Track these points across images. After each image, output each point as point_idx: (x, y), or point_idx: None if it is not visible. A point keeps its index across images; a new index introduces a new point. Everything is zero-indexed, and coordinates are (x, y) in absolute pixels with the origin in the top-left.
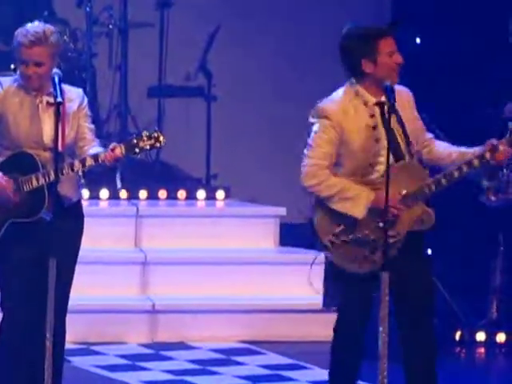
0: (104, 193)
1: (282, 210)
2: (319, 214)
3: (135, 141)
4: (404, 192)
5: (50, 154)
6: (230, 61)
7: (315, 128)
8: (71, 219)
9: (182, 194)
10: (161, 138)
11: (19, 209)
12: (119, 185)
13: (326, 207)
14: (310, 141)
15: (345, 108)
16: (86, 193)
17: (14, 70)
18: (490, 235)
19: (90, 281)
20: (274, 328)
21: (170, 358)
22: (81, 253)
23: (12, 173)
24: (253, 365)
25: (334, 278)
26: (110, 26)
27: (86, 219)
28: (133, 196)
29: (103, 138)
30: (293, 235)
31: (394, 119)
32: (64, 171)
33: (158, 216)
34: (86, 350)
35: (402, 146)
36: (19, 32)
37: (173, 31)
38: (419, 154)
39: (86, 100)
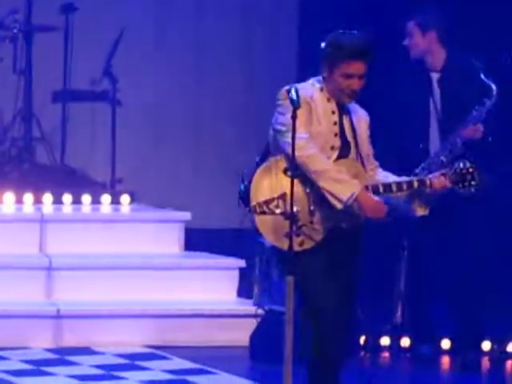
0: (8, 197)
1: (187, 215)
2: (260, 177)
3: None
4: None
5: None
6: (135, 65)
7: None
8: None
9: (86, 198)
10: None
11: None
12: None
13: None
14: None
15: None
16: None
17: None
18: (394, 240)
19: None
20: (179, 333)
21: (74, 363)
22: None
23: None
24: (157, 370)
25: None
26: (15, 31)
27: None
28: (37, 200)
29: (7, 142)
30: (198, 240)
31: (347, 122)
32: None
33: (62, 221)
34: None
35: (352, 146)
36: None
37: (77, 36)
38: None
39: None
